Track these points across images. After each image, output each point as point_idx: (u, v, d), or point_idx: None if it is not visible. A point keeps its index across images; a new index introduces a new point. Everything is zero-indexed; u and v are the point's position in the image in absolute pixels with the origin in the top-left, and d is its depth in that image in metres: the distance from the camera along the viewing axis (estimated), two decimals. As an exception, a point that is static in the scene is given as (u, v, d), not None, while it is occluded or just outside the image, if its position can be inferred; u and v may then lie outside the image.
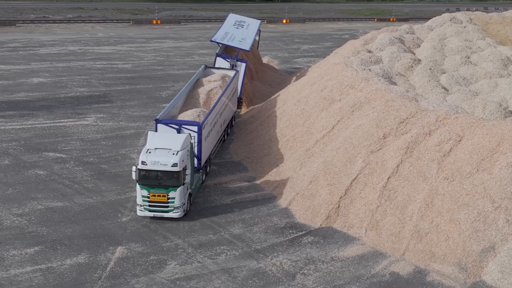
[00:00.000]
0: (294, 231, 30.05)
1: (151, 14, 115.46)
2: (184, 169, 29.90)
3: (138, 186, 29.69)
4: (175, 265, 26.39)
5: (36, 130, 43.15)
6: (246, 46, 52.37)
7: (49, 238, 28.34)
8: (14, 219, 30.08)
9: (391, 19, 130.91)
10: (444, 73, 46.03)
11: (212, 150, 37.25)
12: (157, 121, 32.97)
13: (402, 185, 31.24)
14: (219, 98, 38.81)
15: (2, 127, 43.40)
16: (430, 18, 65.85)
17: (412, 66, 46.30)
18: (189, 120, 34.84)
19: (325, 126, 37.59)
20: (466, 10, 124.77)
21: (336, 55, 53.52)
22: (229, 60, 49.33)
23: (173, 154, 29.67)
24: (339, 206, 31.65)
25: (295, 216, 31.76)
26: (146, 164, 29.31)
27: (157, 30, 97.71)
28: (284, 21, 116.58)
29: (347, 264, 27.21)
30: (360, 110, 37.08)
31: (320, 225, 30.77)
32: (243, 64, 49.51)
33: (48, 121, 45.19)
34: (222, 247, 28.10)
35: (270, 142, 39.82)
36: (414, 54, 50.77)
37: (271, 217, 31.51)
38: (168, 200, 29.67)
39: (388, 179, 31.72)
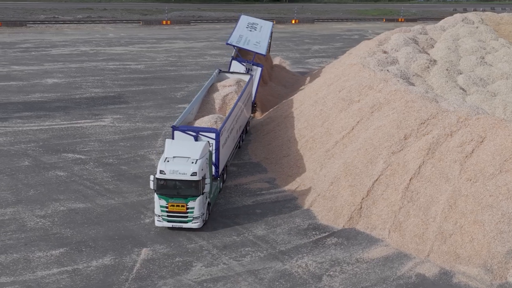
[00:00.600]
0: (317, 233, 30.01)
1: (160, 15, 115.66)
2: (204, 178, 28.98)
3: (156, 196, 28.90)
4: (201, 266, 26.38)
5: (53, 131, 43.22)
6: (262, 50, 51.29)
7: (74, 239, 28.37)
8: (38, 220, 30.13)
9: (400, 20, 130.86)
10: (460, 73, 45.99)
11: (229, 157, 36.31)
12: (174, 128, 31.97)
13: (425, 186, 31.17)
14: (236, 104, 37.67)
15: (20, 128, 43.51)
16: (438, 19, 66.07)
17: (428, 67, 46.28)
18: (207, 127, 33.84)
19: (344, 127, 37.54)
20: (474, 11, 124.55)
21: (351, 56, 53.54)
22: (245, 64, 47.98)
23: (192, 162, 28.72)
24: (361, 207, 31.59)
25: (317, 217, 31.71)
26: (165, 173, 28.48)
27: (167, 31, 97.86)
28: (293, 22, 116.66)
29: (373, 266, 27.17)
30: (379, 111, 37.01)
31: (343, 226, 30.73)
32: (259, 69, 48.14)
33: (65, 122, 45.28)
34: (246, 249, 28.08)
35: (288, 143, 39.77)
36: (428, 54, 50.72)
37: (294, 218, 31.49)
38: (187, 210, 28.78)
39: (410, 180, 31.63)
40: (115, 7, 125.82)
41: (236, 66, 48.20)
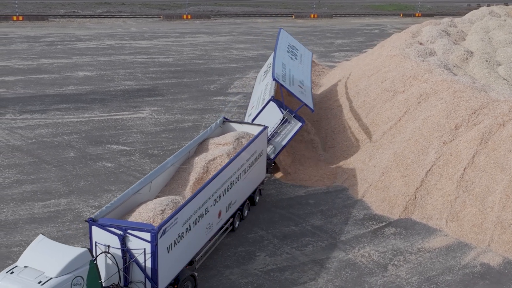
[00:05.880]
0: (374, 223, 29.83)
1: (179, 9, 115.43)
2: None
3: None
4: (265, 256, 26.23)
5: (94, 123, 43.11)
6: (309, 100, 37.07)
7: (132, 229, 28.20)
8: (93, 211, 30.01)
9: (417, 15, 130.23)
10: (499, 65, 45.62)
11: (196, 256, 24.06)
12: (91, 223, 20.37)
13: (480, 176, 30.91)
14: (213, 177, 24.36)
15: (60, 120, 43.40)
16: (453, 14, 65.71)
17: (467, 58, 45.90)
18: (139, 222, 21.07)
19: (390, 118, 37.30)
20: (487, 6, 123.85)
21: (385, 48, 53.17)
22: (284, 112, 33.75)
23: (39, 282, 17.34)
24: (415, 198, 31.39)
25: (372, 207, 31.52)
26: None
27: (188, 25, 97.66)
28: (312, 16, 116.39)
29: (436, 255, 26.97)
30: (426, 101, 36.74)
31: (399, 216, 30.52)
32: (298, 124, 33.99)
33: (104, 114, 45.16)
34: (307, 239, 27.92)
35: (333, 134, 39.57)
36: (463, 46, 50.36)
37: (348, 208, 31.30)
38: None
39: (464, 170, 31.37)
40: (133, 1, 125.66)
41: (272, 111, 33.79)
